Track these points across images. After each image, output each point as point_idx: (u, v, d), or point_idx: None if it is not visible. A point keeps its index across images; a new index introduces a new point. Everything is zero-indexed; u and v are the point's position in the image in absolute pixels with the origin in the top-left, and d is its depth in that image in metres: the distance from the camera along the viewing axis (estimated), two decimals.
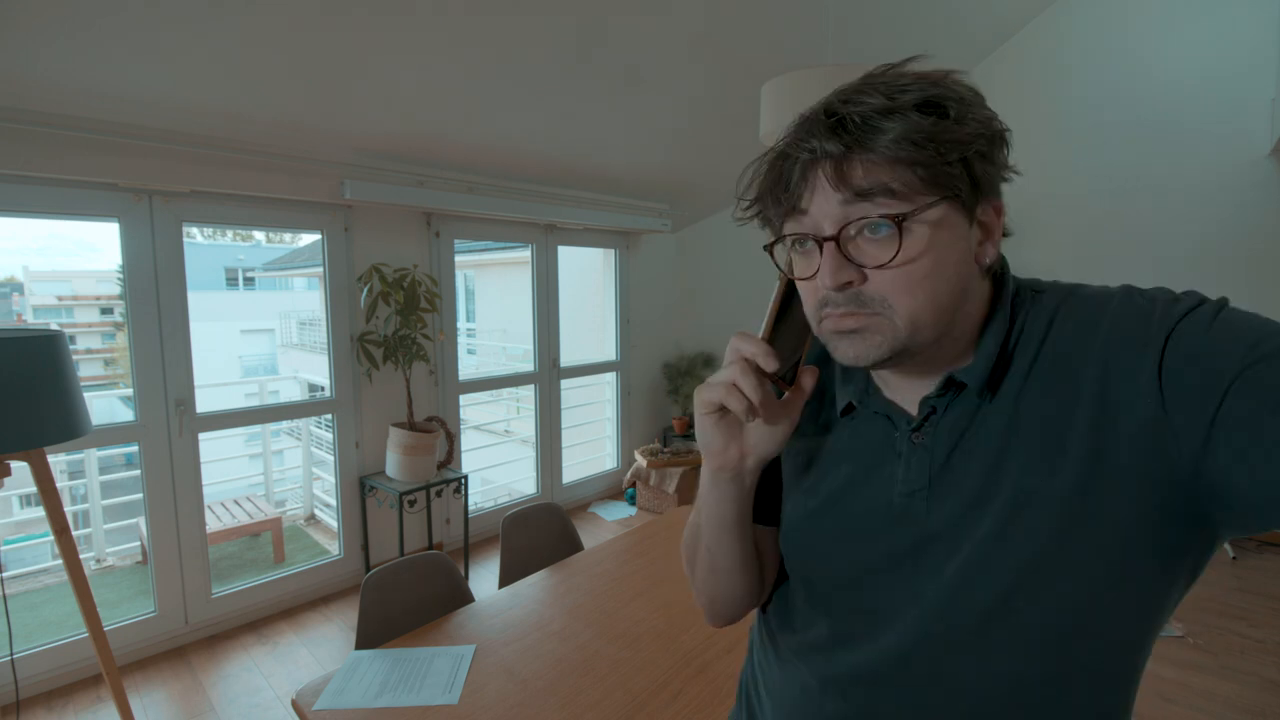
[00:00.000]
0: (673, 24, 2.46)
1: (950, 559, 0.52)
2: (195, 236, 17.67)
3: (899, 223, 0.47)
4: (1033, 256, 4.01)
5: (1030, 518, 0.49)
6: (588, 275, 5.20)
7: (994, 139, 0.48)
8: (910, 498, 0.55)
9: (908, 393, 0.57)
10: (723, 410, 0.56)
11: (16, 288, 15.51)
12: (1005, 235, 0.54)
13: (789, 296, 0.57)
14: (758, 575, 0.69)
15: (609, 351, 4.50)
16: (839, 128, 0.47)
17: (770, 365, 0.54)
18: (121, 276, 2.38)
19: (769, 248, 0.56)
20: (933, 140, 0.45)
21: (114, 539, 4.21)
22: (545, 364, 3.94)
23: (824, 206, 0.49)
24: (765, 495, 0.68)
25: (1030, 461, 0.49)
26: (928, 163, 0.46)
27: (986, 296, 0.54)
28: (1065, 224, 3.93)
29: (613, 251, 4.38)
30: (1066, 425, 0.48)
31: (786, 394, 0.59)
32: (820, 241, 0.50)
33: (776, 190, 0.52)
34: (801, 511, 0.63)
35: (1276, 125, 3.14)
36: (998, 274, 0.56)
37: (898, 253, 0.47)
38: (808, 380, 0.59)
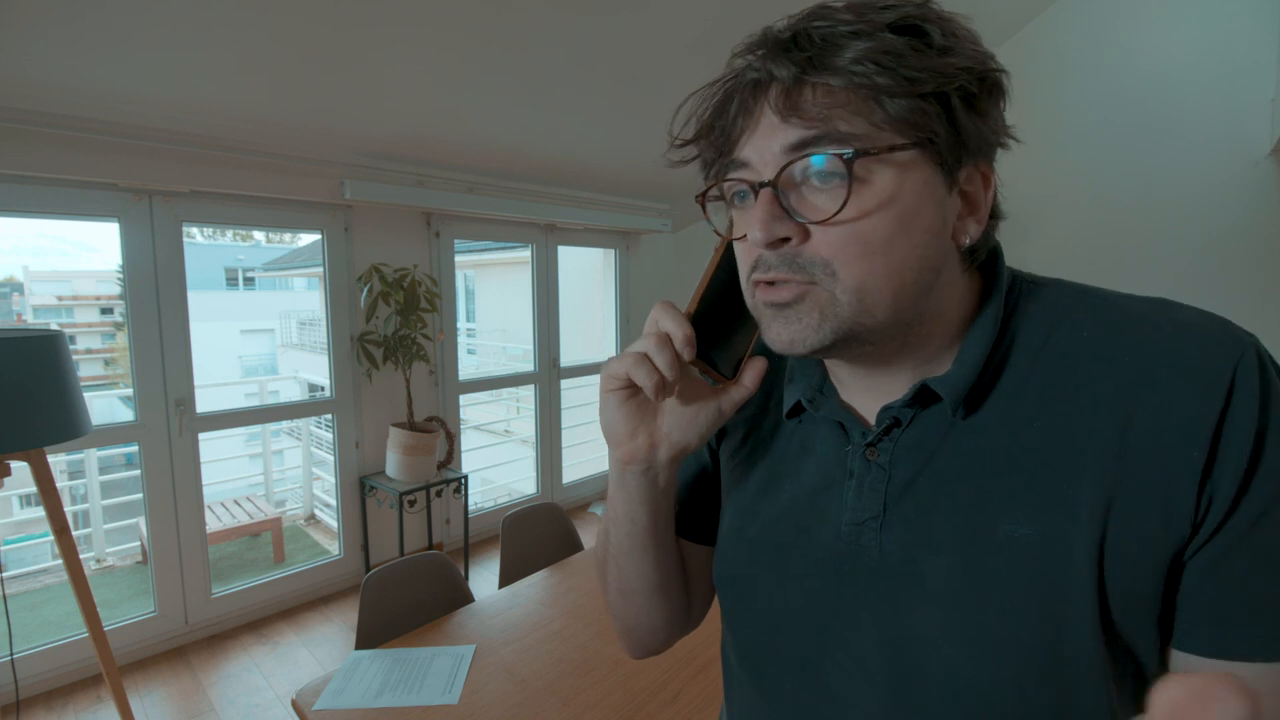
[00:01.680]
0: (673, 23, 2.46)
1: (904, 617, 0.42)
2: (195, 236, 17.66)
3: (849, 163, 0.37)
4: (1031, 256, 4.00)
5: (1013, 574, 0.39)
6: (588, 275, 5.20)
7: (986, 80, 0.38)
8: (859, 528, 0.45)
9: (868, 396, 0.47)
10: (632, 388, 0.48)
11: (16, 288, 15.51)
12: (996, 217, 0.44)
13: (732, 268, 0.46)
14: (682, 601, 0.59)
15: (609, 351, 4.50)
16: (793, 45, 0.37)
17: (688, 352, 0.45)
18: (121, 276, 2.38)
19: (701, 199, 0.45)
20: (905, 65, 0.36)
21: (114, 539, 4.21)
22: (545, 364, 3.94)
23: (765, 143, 0.39)
24: (697, 507, 0.59)
25: (1017, 503, 0.40)
26: (895, 92, 0.36)
27: (974, 290, 0.45)
28: (1064, 224, 3.93)
29: (613, 251, 4.38)
30: (1072, 466, 0.39)
31: (721, 385, 0.50)
32: (757, 188, 0.40)
33: (718, 124, 0.42)
34: (735, 537, 0.54)
35: (1276, 125, 3.14)
36: (990, 264, 0.46)
37: (846, 202, 0.37)
38: (751, 376, 0.49)
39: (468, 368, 7.95)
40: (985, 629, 0.39)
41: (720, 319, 0.48)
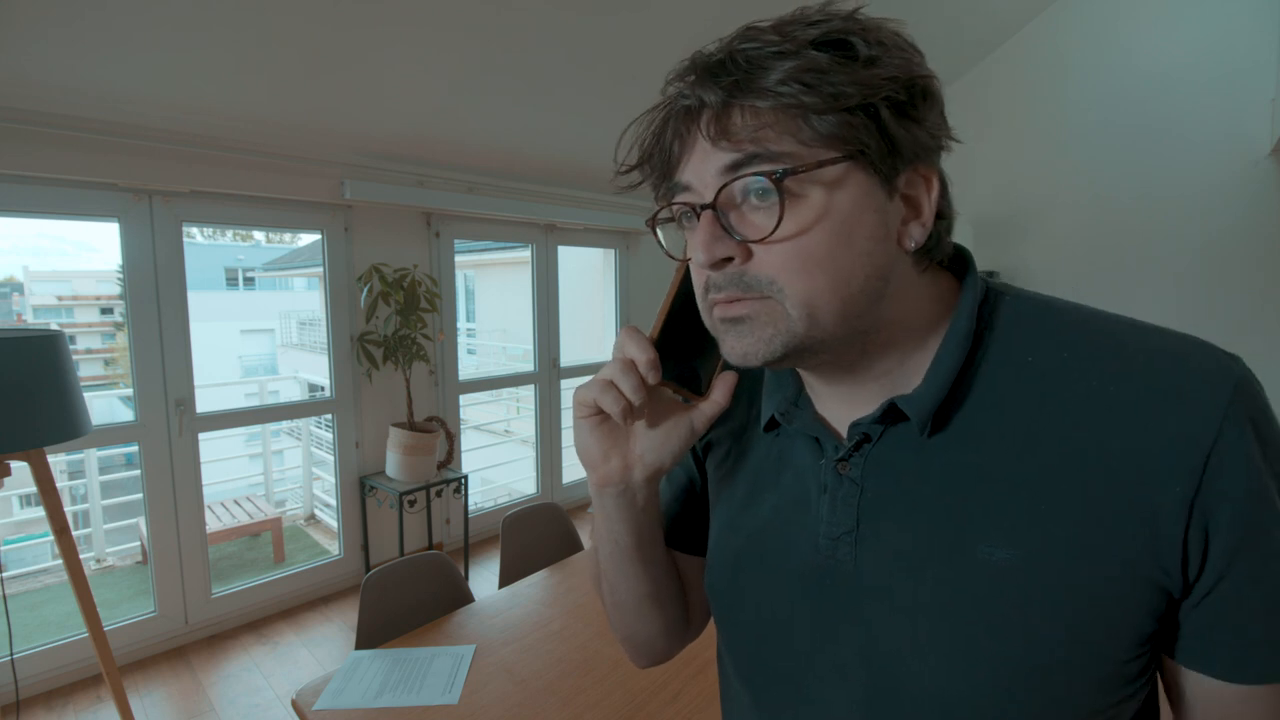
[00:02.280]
0: (673, 23, 2.46)
1: (880, 630, 0.43)
2: (195, 236, 17.66)
3: (779, 181, 0.37)
4: (1031, 257, 4.00)
5: (993, 596, 0.39)
6: (588, 275, 5.20)
7: (914, 87, 0.38)
8: (835, 543, 0.45)
9: (841, 408, 0.47)
10: (603, 414, 0.49)
11: (16, 288, 15.51)
12: (945, 218, 0.43)
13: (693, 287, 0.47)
14: (677, 610, 0.61)
15: (609, 351, 4.49)
16: (721, 69, 0.38)
17: (652, 375, 0.46)
18: (121, 276, 2.38)
19: (650, 223, 0.47)
20: (828, 81, 0.36)
21: (114, 539, 4.21)
22: (545, 364, 3.94)
23: (702, 167, 0.40)
24: (688, 520, 0.61)
25: (994, 524, 0.40)
26: (820, 109, 0.36)
27: (942, 296, 0.45)
28: (1064, 224, 3.93)
29: (613, 251, 4.38)
30: (1051, 489, 0.39)
31: (693, 402, 0.50)
32: (699, 210, 0.41)
33: (657, 151, 0.43)
34: (721, 549, 0.54)
35: (1276, 125, 3.14)
36: (960, 272, 0.46)
37: (781, 219, 0.38)
38: (721, 391, 0.50)
39: (468, 368, 7.95)
40: (967, 645, 0.40)
41: (686, 338, 0.49)
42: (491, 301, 8.68)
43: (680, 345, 0.49)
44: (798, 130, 0.37)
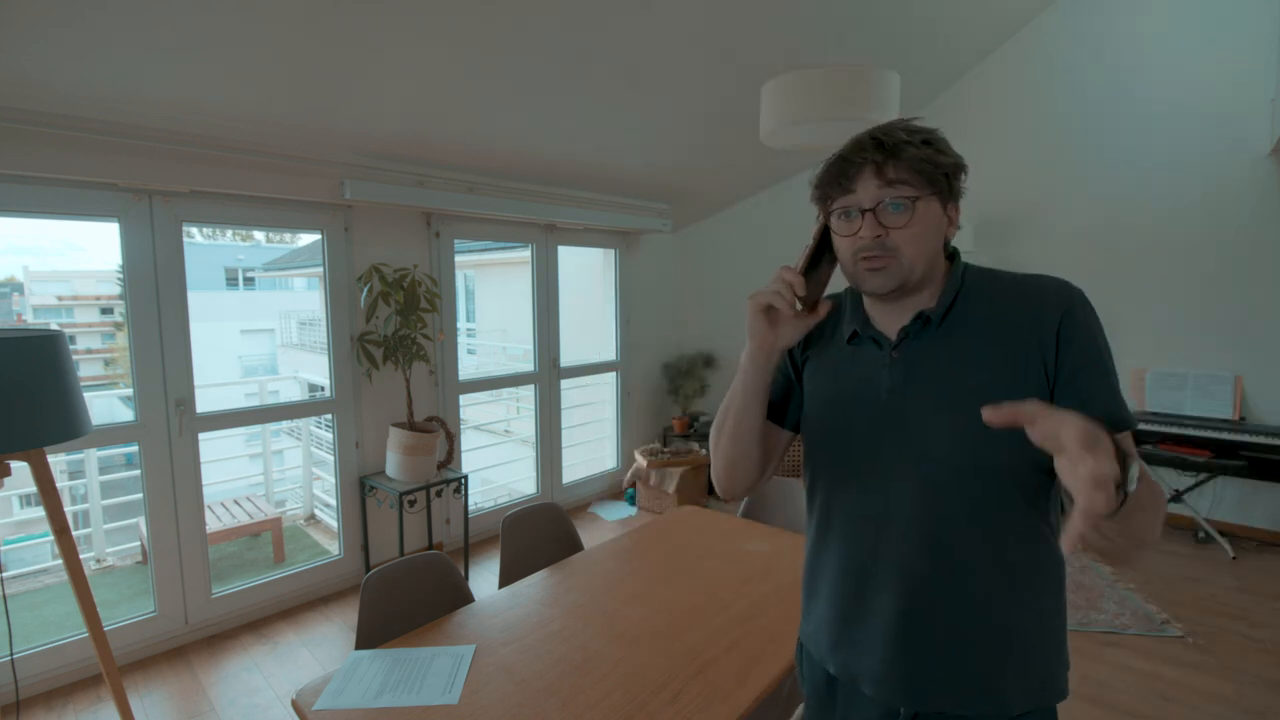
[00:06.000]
0: (673, 24, 2.46)
1: (915, 431, 0.82)
2: (195, 236, 17.64)
3: (914, 202, 0.78)
4: (1031, 256, 4.00)
5: (969, 398, 0.77)
6: (588, 275, 5.19)
7: (959, 168, 0.82)
8: (891, 394, 0.85)
9: (888, 322, 0.87)
10: (769, 309, 0.85)
11: (16, 288, 15.50)
12: (958, 228, 0.86)
13: (821, 250, 0.86)
14: (763, 452, 0.96)
15: (609, 351, 4.50)
16: (879, 145, 0.78)
17: (801, 291, 0.82)
18: (121, 276, 2.38)
19: (825, 210, 0.86)
20: (931, 160, 0.78)
21: (114, 539, 4.21)
22: (545, 364, 3.94)
23: (867, 189, 0.79)
24: (781, 403, 0.98)
25: (969, 366, 0.80)
26: (928, 172, 0.78)
27: (947, 266, 0.87)
28: (1064, 223, 3.93)
29: (613, 251, 4.38)
30: (1000, 355, 0.79)
31: (805, 314, 0.86)
32: (863, 211, 0.79)
33: (837, 178, 0.81)
34: (818, 406, 0.93)
35: (1276, 125, 3.14)
36: (952, 255, 0.89)
37: (910, 220, 0.78)
38: (823, 309, 0.87)
39: (468, 368, 7.94)
40: (961, 426, 0.78)
41: (811, 279, 0.84)
42: (491, 301, 8.67)
43: (807, 279, 0.83)
44: (916, 180, 0.78)
